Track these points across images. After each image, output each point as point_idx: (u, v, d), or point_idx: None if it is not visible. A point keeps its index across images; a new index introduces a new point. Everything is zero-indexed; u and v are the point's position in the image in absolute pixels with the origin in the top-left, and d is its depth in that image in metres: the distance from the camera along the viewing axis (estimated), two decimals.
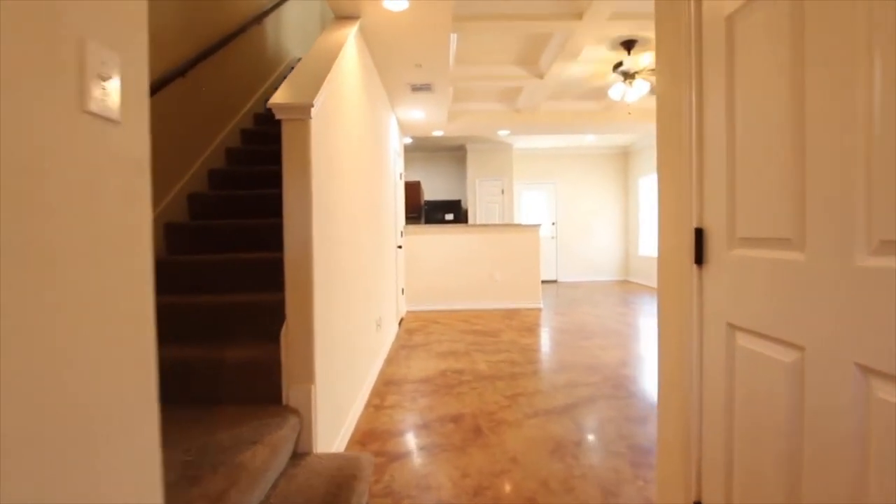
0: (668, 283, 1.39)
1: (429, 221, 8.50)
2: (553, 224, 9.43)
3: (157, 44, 2.55)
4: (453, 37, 4.00)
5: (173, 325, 2.05)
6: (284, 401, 1.83)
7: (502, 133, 6.94)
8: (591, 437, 2.31)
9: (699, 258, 1.23)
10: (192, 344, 1.96)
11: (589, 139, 8.68)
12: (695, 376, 1.25)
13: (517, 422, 2.51)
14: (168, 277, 2.30)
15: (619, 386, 3.05)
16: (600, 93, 5.69)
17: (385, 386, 3.16)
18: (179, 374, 1.82)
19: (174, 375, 1.81)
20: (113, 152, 0.71)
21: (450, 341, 4.41)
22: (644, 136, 8.10)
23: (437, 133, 6.49)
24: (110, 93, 0.70)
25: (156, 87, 2.43)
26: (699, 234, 1.23)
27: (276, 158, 2.12)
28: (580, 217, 9.52)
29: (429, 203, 8.74)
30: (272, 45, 4.31)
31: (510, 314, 5.76)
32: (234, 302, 2.09)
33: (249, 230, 2.57)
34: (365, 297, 2.99)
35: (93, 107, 0.66)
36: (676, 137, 1.33)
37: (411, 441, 2.33)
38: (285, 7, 4.64)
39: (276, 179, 2.18)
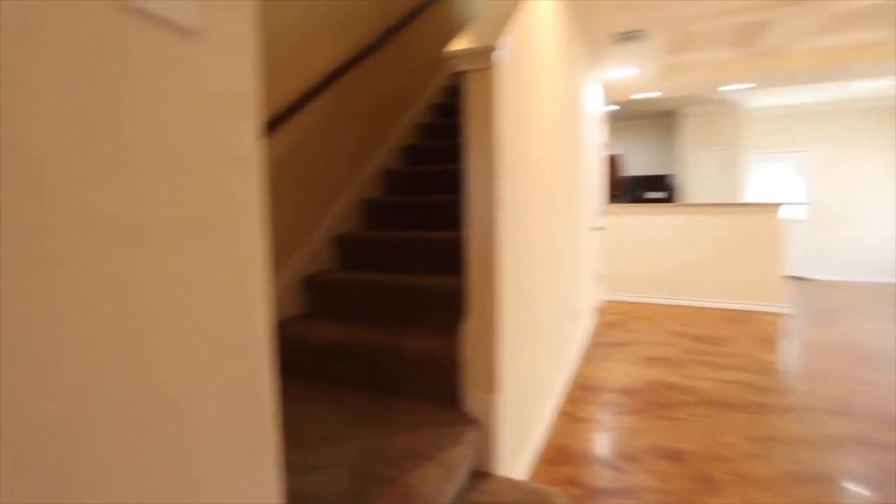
0: None
1: (629, 200, 7.50)
2: (807, 205, 7.31)
3: (351, 20, 2.52)
4: None
5: (364, 305, 2.00)
6: (463, 407, 1.57)
7: (727, 89, 5.51)
8: None
9: None
10: (379, 328, 1.87)
11: (856, 88, 6.29)
12: None
13: (773, 483, 1.78)
14: (360, 254, 2.28)
15: None
16: None
17: (580, 391, 2.71)
18: (368, 359, 1.74)
19: (365, 359, 1.74)
20: (187, 85, 0.45)
21: (658, 343, 3.67)
22: None
23: (641, 95, 5.50)
24: None
25: (351, 62, 2.41)
26: None
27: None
28: (841, 197, 7.14)
29: (630, 179, 7.70)
30: (461, 14, 4.11)
31: (740, 317, 4.59)
32: (419, 285, 1.92)
33: (444, 206, 2.39)
34: (558, 283, 2.57)
35: (145, 2, 0.41)
36: None
37: (614, 475, 1.85)
38: None
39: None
